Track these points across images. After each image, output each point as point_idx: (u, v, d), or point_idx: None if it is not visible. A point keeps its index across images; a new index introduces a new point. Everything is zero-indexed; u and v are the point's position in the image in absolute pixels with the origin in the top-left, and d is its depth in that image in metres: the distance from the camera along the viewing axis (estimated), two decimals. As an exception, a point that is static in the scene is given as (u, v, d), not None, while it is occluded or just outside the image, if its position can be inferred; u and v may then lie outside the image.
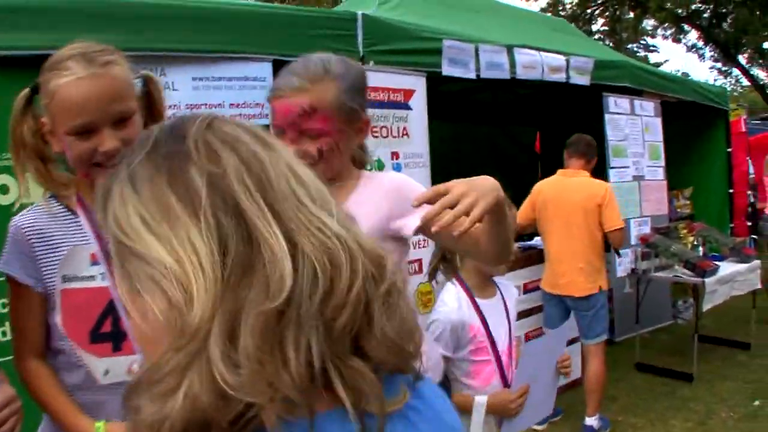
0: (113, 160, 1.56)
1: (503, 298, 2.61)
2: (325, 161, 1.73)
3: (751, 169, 9.52)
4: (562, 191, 4.94)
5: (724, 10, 21.02)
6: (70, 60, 1.53)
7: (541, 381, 2.45)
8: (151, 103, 1.76)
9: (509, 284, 2.74)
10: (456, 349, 2.47)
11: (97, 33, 3.12)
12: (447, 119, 6.96)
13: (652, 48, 27.27)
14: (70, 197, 1.69)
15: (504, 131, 9.10)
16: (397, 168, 4.30)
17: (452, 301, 2.53)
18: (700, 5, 21.40)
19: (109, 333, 1.65)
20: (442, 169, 6.73)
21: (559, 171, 5.11)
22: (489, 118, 8.45)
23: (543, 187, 5.09)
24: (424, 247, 4.47)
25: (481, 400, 2.36)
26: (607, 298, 5.09)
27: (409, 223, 1.75)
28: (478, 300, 2.51)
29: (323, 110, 1.70)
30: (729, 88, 21.88)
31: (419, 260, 4.46)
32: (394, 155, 4.28)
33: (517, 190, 3.44)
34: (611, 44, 22.26)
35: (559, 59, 5.84)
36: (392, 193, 1.81)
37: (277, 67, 3.77)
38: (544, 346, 2.58)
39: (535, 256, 5.45)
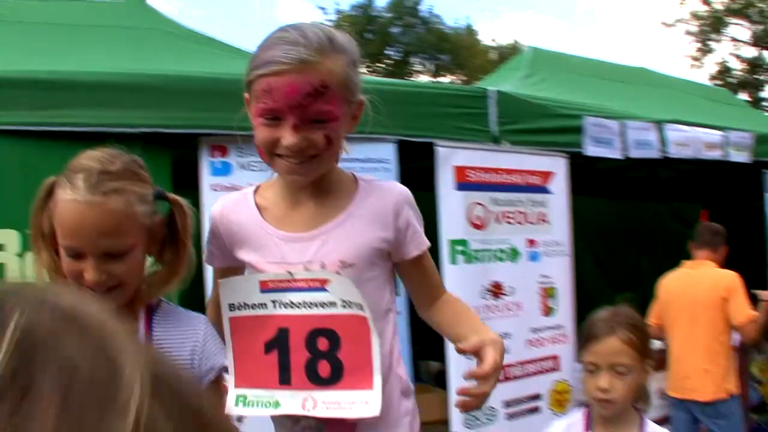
0: (100, 288, 1.45)
1: None
2: (329, 152, 1.52)
3: None
4: (685, 285, 4.41)
5: None
6: (80, 175, 1.45)
7: None
8: (174, 229, 1.62)
9: None
10: None
11: (197, 111, 3.17)
12: (602, 195, 6.47)
13: None
14: None
15: (667, 207, 8.42)
16: (535, 257, 3.92)
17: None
18: None
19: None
20: (602, 248, 6.35)
21: (684, 263, 4.54)
22: (649, 193, 7.84)
23: (667, 282, 4.55)
24: (562, 343, 4.02)
25: None
26: (744, 405, 4.36)
27: (414, 248, 1.65)
28: None
29: (333, 89, 1.45)
30: None
31: (555, 356, 4.01)
32: (530, 242, 3.90)
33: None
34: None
35: (716, 135, 5.26)
36: (403, 209, 1.64)
37: (403, 148, 3.57)
38: None
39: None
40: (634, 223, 7.45)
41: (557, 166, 4.09)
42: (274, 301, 1.58)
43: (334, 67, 1.45)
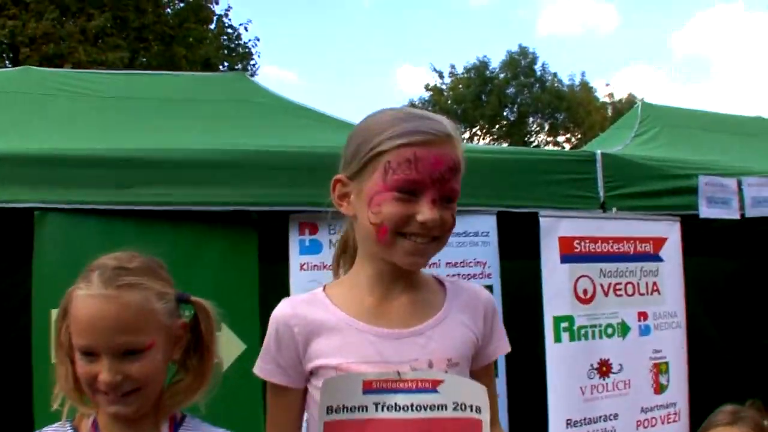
0: (116, 392, 1.36)
1: None
2: (448, 236, 1.47)
3: None
4: None
5: None
6: (96, 272, 1.42)
7: None
8: (199, 335, 1.53)
9: None
10: None
11: (286, 187, 3.07)
12: (719, 254, 6.05)
13: None
14: (87, 418, 1.49)
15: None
16: (646, 331, 3.65)
17: None
18: None
19: None
20: (721, 313, 5.90)
21: None
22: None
23: None
24: (674, 422, 3.75)
25: None
26: None
27: (497, 351, 1.60)
28: None
29: (461, 170, 1.44)
30: None
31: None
32: (642, 315, 3.63)
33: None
34: None
35: None
36: (490, 311, 1.59)
37: (502, 220, 3.39)
38: None
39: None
40: (752, 284, 6.92)
41: (670, 231, 3.81)
42: (376, 404, 1.41)
43: (461, 150, 1.44)
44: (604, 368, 3.47)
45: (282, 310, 1.51)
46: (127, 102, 4.06)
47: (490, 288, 3.31)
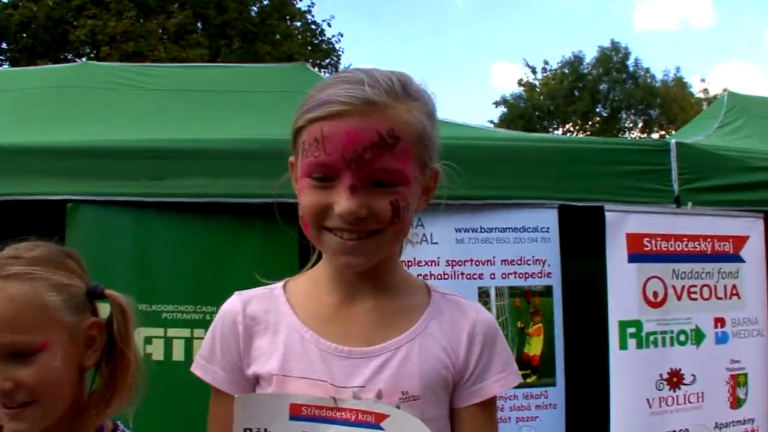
0: (11, 401, 1.15)
1: None
2: (395, 228, 1.16)
3: None
4: None
5: None
6: None
7: None
8: (111, 333, 1.30)
9: None
10: None
11: None
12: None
13: None
14: None
15: None
16: (724, 339, 3.34)
17: None
18: None
19: None
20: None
21: None
22: None
23: None
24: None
25: None
26: None
27: (491, 388, 1.25)
28: None
29: (405, 142, 1.12)
30: None
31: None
32: (719, 322, 3.32)
33: None
34: None
35: None
36: (480, 338, 1.26)
37: (564, 214, 3.12)
38: None
39: None
40: None
41: (752, 228, 3.46)
42: None
43: (407, 115, 1.13)
44: (675, 379, 3.18)
45: (230, 305, 1.29)
46: (178, 94, 4.05)
47: (549, 289, 3.07)
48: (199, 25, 17.65)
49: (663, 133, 27.97)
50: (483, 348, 1.26)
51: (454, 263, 2.93)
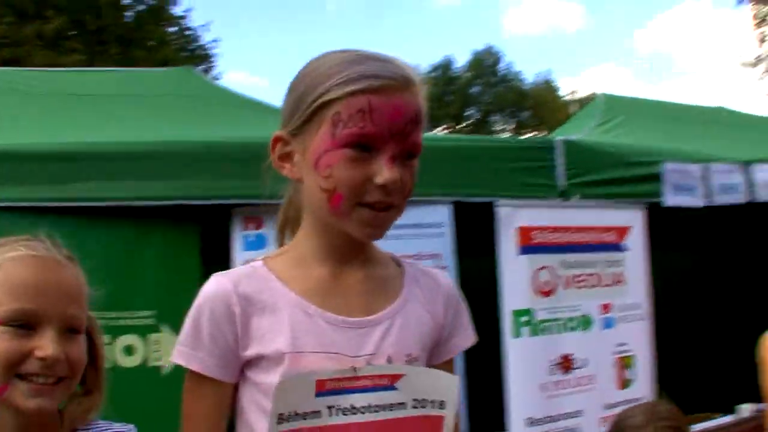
0: (53, 374, 1.15)
1: None
2: (405, 202, 1.21)
3: None
4: None
5: None
6: (27, 241, 1.26)
7: None
8: (92, 344, 1.30)
9: None
10: None
11: (228, 179, 2.90)
12: (685, 247, 5.99)
13: None
14: None
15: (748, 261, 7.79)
16: (610, 323, 3.53)
17: None
18: None
19: None
20: (686, 307, 5.85)
21: None
22: (730, 246, 7.25)
23: (764, 341, 4.11)
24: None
25: None
26: None
27: (460, 343, 1.36)
28: None
29: (424, 121, 1.19)
30: None
31: None
32: (604, 308, 3.51)
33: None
34: None
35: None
36: (452, 300, 1.36)
37: (459, 210, 3.24)
38: None
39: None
40: (724, 277, 6.88)
41: (634, 219, 3.69)
42: (330, 407, 1.20)
43: (423, 95, 1.20)
44: (566, 363, 3.34)
45: (219, 285, 1.26)
46: (65, 98, 3.91)
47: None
48: (75, 31, 17.18)
49: (536, 133, 28.99)
50: (455, 309, 1.36)
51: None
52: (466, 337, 1.39)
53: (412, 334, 1.29)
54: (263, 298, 1.25)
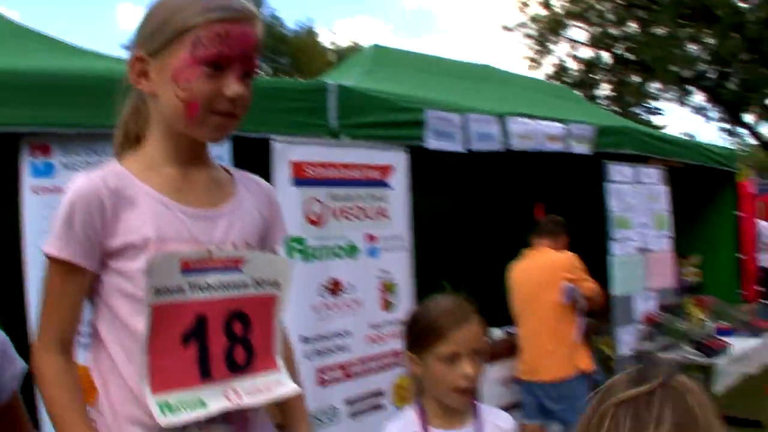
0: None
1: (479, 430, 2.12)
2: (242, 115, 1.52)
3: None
4: (525, 270, 4.73)
5: (729, 70, 20.85)
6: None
7: None
8: None
9: (503, 415, 2.19)
10: None
11: (17, 107, 2.81)
12: (443, 190, 6.57)
13: (655, 110, 26.92)
14: None
15: (502, 203, 8.67)
16: (374, 252, 3.90)
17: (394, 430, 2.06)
18: (705, 66, 21.25)
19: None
20: (442, 243, 6.45)
21: (525, 252, 4.87)
22: (486, 190, 8.03)
23: (511, 270, 4.87)
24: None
25: None
26: (590, 383, 4.62)
27: (278, 234, 1.73)
28: (435, 430, 2.03)
29: (260, 50, 1.51)
30: (735, 149, 21.58)
31: (396, 352, 4.01)
32: (370, 238, 3.87)
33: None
34: (618, 109, 22.03)
35: (558, 127, 5.47)
36: (273, 200, 1.72)
37: (238, 146, 3.41)
38: None
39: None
40: (464, 222, 7.65)
41: (397, 159, 4.08)
42: (191, 284, 1.43)
43: (261, 28, 1.49)
44: (335, 287, 3.66)
45: (91, 182, 1.42)
46: None
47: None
48: None
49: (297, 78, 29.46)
50: (275, 207, 1.70)
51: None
52: (282, 228, 1.73)
53: (249, 226, 1.58)
54: (128, 193, 1.44)
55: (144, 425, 1.40)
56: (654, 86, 24.05)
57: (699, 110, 24.81)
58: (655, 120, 25.93)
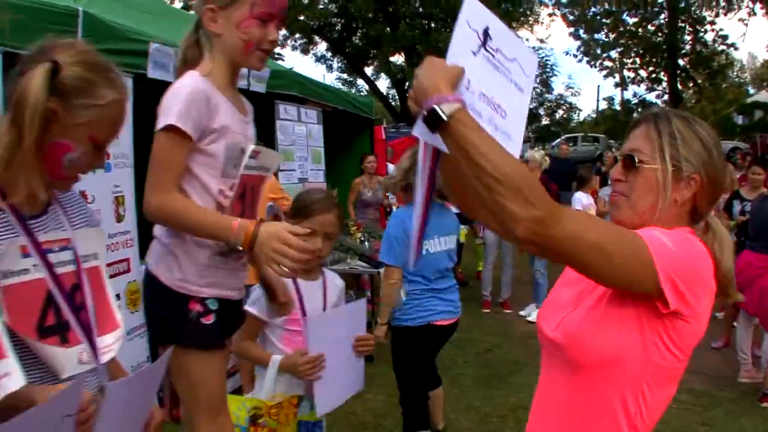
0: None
1: (324, 284, 2.94)
2: None
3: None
4: None
5: (355, 25, 22.99)
6: None
7: (342, 356, 2.76)
8: None
9: (335, 276, 3.07)
10: (271, 315, 2.75)
11: None
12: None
13: (278, 57, 28.24)
14: None
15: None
16: (108, 168, 4.19)
17: None
18: (333, 19, 23.09)
19: (54, 326, 1.59)
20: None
21: None
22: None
23: None
24: (131, 247, 4.49)
25: (275, 359, 2.69)
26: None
27: None
28: (300, 281, 2.82)
29: None
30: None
31: (127, 259, 4.47)
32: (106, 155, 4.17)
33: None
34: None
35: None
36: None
37: (7, 59, 3.49)
38: (336, 321, 2.83)
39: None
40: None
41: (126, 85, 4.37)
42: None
43: None
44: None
45: (198, 83, 2.06)
46: None
47: None
48: None
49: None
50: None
51: None
52: None
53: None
54: (215, 95, 2.09)
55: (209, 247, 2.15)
56: (281, 33, 25.25)
57: (321, 59, 26.94)
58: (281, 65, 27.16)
